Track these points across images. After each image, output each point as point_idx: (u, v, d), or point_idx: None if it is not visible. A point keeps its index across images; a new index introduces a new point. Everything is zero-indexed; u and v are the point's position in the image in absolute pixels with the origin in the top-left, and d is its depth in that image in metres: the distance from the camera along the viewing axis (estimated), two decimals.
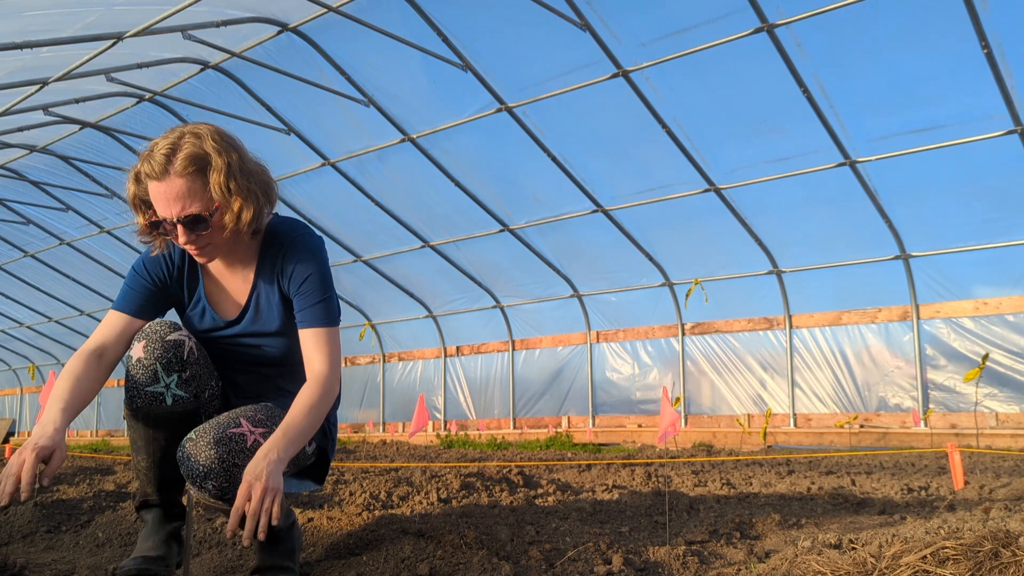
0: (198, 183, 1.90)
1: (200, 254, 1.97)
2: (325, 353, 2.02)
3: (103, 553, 2.60)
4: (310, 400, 1.94)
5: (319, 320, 2.04)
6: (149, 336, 2.01)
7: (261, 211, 1.99)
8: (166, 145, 1.90)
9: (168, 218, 1.90)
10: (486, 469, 4.74)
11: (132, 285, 2.10)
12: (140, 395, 2.00)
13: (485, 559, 2.12)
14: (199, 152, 1.90)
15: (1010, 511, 2.86)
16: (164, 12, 6.37)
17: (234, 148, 1.96)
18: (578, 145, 8.55)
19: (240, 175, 1.94)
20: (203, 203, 1.90)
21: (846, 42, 6.63)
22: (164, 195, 1.89)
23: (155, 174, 1.89)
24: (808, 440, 8.76)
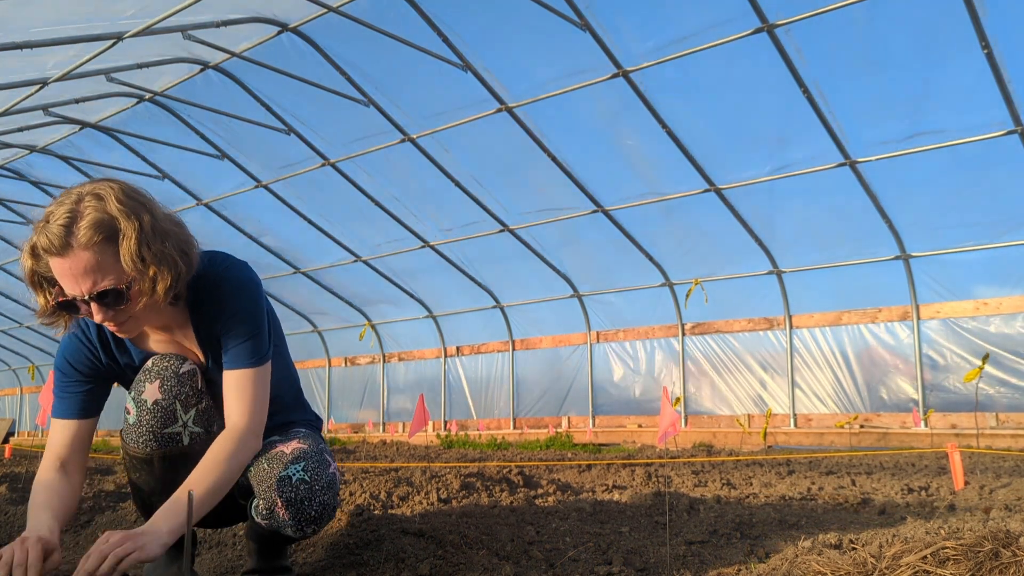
0: (108, 253, 1.67)
1: (120, 330, 1.78)
2: (246, 401, 1.83)
3: None
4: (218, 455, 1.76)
5: (241, 360, 1.85)
6: (162, 374, 1.86)
7: (179, 277, 1.76)
8: (64, 213, 1.65)
9: (78, 296, 1.69)
10: (486, 469, 4.74)
11: (63, 387, 1.90)
12: (157, 438, 1.86)
13: (485, 559, 2.12)
14: (103, 218, 1.66)
15: (1010, 511, 2.86)
16: (164, 12, 6.37)
17: (144, 207, 1.73)
18: (578, 145, 8.55)
19: (153, 239, 1.71)
20: (116, 275, 1.69)
21: (846, 42, 6.63)
22: (69, 271, 1.66)
23: (54, 248, 1.65)
24: (808, 440, 8.76)
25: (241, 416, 1.82)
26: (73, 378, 1.90)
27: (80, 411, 1.90)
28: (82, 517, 3.22)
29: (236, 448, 1.79)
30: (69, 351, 1.90)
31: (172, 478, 1.86)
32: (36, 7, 6.03)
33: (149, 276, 1.70)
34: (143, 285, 1.71)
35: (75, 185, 1.76)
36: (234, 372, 1.85)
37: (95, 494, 3.90)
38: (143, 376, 1.87)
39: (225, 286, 1.87)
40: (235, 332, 1.85)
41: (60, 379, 1.91)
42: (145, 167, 10.20)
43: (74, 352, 1.90)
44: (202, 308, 1.88)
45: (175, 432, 1.86)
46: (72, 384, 1.90)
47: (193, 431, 1.88)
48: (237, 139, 9.49)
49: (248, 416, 1.83)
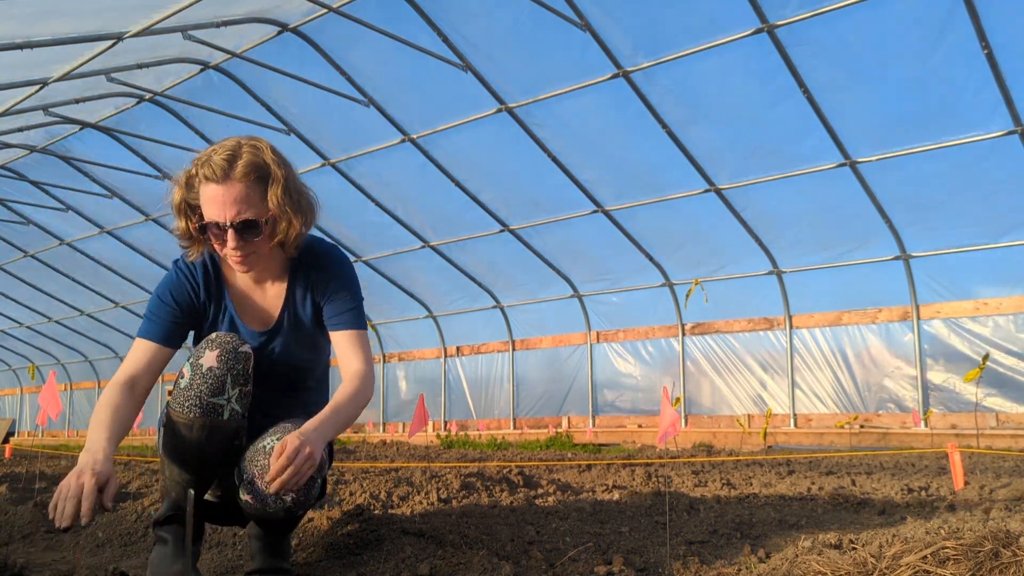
0: (256, 191, 1.93)
1: (243, 261, 1.97)
2: (361, 353, 2.07)
3: (103, 553, 2.60)
4: (352, 392, 1.98)
5: (353, 323, 2.09)
6: (223, 346, 1.96)
7: (306, 227, 2.03)
8: (226, 151, 1.92)
9: (221, 221, 1.91)
10: (486, 469, 4.74)
11: (158, 312, 2.05)
12: (201, 404, 1.92)
13: (485, 559, 2.12)
14: (259, 162, 1.93)
15: (1010, 511, 2.86)
16: (164, 12, 6.37)
17: (288, 165, 2.00)
18: (578, 145, 8.55)
19: (294, 190, 1.98)
20: (258, 210, 1.93)
21: (846, 42, 6.63)
22: (221, 198, 1.90)
23: (215, 176, 1.90)
24: (808, 440, 8.76)
25: (360, 362, 2.04)
26: (170, 307, 2.05)
27: (166, 336, 2.03)
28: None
29: (362, 386, 2.00)
30: (174, 284, 2.07)
31: (206, 450, 1.94)
32: (36, 7, 6.04)
33: (285, 218, 1.95)
34: (278, 225, 1.96)
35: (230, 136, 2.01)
36: (347, 332, 2.08)
37: None
38: (204, 344, 1.97)
39: (334, 259, 2.12)
40: (344, 299, 2.09)
41: (156, 305, 2.06)
42: (145, 167, 10.20)
43: (178, 286, 2.07)
44: (307, 273, 2.10)
45: (219, 404, 1.93)
46: (166, 311, 2.05)
47: (234, 408, 1.95)
48: None
49: (366, 364, 2.05)
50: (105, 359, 17.29)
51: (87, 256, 13.21)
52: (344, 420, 1.93)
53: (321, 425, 1.83)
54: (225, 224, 1.91)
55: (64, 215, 11.96)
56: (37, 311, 16.27)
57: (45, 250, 13.40)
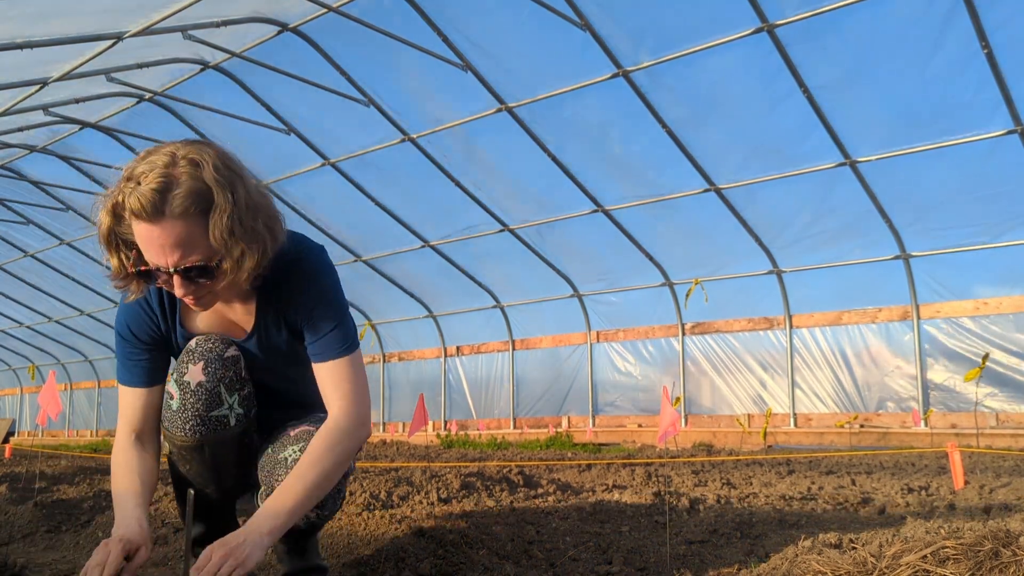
0: (199, 226, 1.57)
1: (197, 304, 1.69)
2: (344, 390, 1.76)
3: None
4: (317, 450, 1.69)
5: (333, 350, 1.78)
6: (206, 356, 1.79)
7: (266, 255, 1.66)
8: (157, 177, 1.53)
9: (163, 267, 1.59)
10: (486, 469, 4.74)
11: (127, 354, 1.85)
12: (204, 422, 1.79)
13: (485, 558, 2.12)
14: (200, 188, 1.55)
15: (1010, 511, 2.86)
16: (164, 12, 6.37)
17: (239, 178, 1.62)
18: (578, 145, 8.55)
19: (246, 214, 1.60)
20: (204, 250, 1.59)
21: (846, 42, 6.63)
22: (158, 240, 1.55)
23: (145, 213, 1.53)
24: (808, 440, 8.76)
25: (340, 409, 1.75)
26: (135, 345, 1.84)
27: (147, 378, 1.84)
28: (82, 517, 3.22)
29: (336, 439, 1.71)
30: (131, 318, 1.83)
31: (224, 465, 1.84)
32: (37, 7, 6.03)
33: (237, 254, 1.61)
34: (230, 262, 1.61)
35: (163, 143, 1.64)
36: (327, 364, 1.77)
37: (95, 494, 3.90)
38: (186, 357, 1.80)
39: (305, 267, 1.78)
40: (320, 318, 1.77)
41: (123, 347, 1.85)
42: None
43: (135, 319, 1.83)
44: (275, 288, 1.79)
45: (222, 415, 1.79)
46: (135, 352, 1.84)
47: (238, 413, 1.82)
48: (237, 139, 9.48)
49: (348, 407, 1.75)
50: (105, 359, 17.29)
51: (87, 256, 13.20)
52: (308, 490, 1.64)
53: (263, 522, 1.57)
54: (167, 269, 1.59)
55: (64, 215, 11.96)
56: (37, 311, 16.26)
57: (45, 250, 13.40)
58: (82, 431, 18.21)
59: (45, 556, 2.58)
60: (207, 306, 1.72)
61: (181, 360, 1.82)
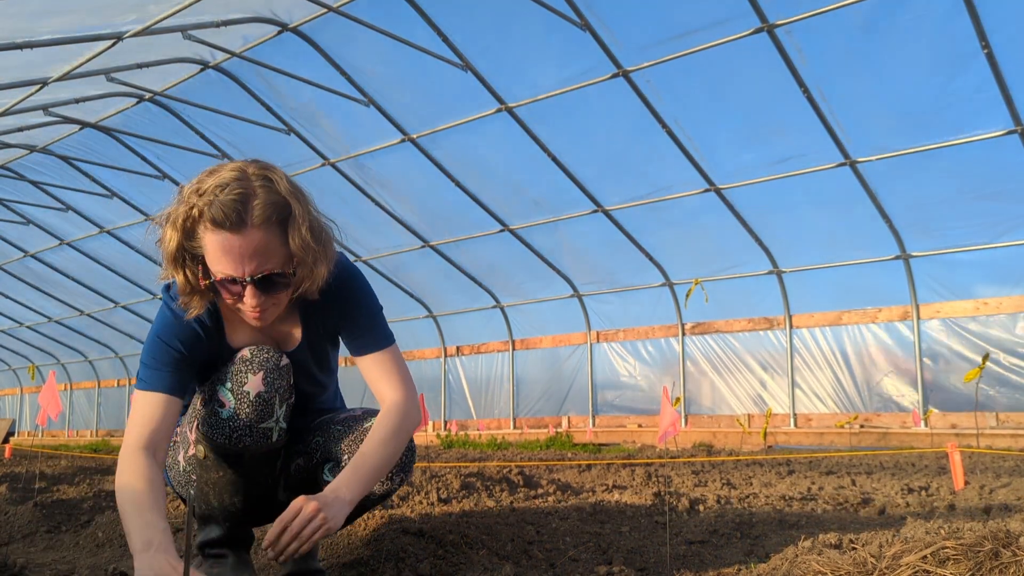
0: (276, 236, 1.63)
1: (261, 317, 1.71)
2: (394, 377, 1.86)
3: (103, 553, 2.60)
4: (384, 432, 1.76)
5: (377, 342, 1.88)
6: (265, 364, 1.76)
7: (330, 265, 1.74)
8: (236, 189, 1.59)
9: (239, 276, 1.62)
10: (486, 469, 4.74)
11: (163, 359, 1.75)
12: (251, 433, 1.77)
13: (486, 558, 2.12)
14: (278, 200, 1.63)
15: (1010, 511, 2.86)
16: (164, 12, 6.37)
17: (305, 195, 1.73)
18: (578, 145, 8.55)
19: (317, 228, 1.71)
20: (280, 260, 1.65)
21: (846, 42, 6.63)
22: (237, 250, 1.59)
23: (229, 223, 1.57)
24: (808, 440, 8.76)
25: (397, 391, 1.84)
26: (176, 353, 1.77)
27: (177, 386, 1.76)
28: (82, 517, 3.22)
29: (401, 421, 1.79)
30: (178, 328, 1.77)
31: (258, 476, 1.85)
32: (36, 6, 6.04)
33: (310, 263, 1.67)
34: (303, 272, 1.68)
35: (224, 163, 1.70)
36: (375, 355, 1.87)
37: (95, 494, 3.90)
38: (243, 367, 1.77)
39: (346, 283, 1.86)
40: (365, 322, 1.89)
41: (160, 351, 1.76)
42: (145, 167, 10.20)
43: (183, 326, 1.78)
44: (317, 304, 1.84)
45: (268, 428, 1.79)
46: (174, 357, 1.76)
47: (281, 427, 1.81)
48: (237, 139, 9.49)
49: (404, 390, 1.85)
50: (105, 359, 17.30)
51: (87, 256, 13.21)
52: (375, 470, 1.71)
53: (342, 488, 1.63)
54: (244, 279, 1.62)
55: (64, 215, 11.96)
56: (37, 311, 16.27)
57: (45, 250, 13.40)
58: (82, 431, 18.21)
59: (45, 556, 2.58)
60: (269, 320, 1.73)
61: (237, 369, 1.78)
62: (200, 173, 1.67)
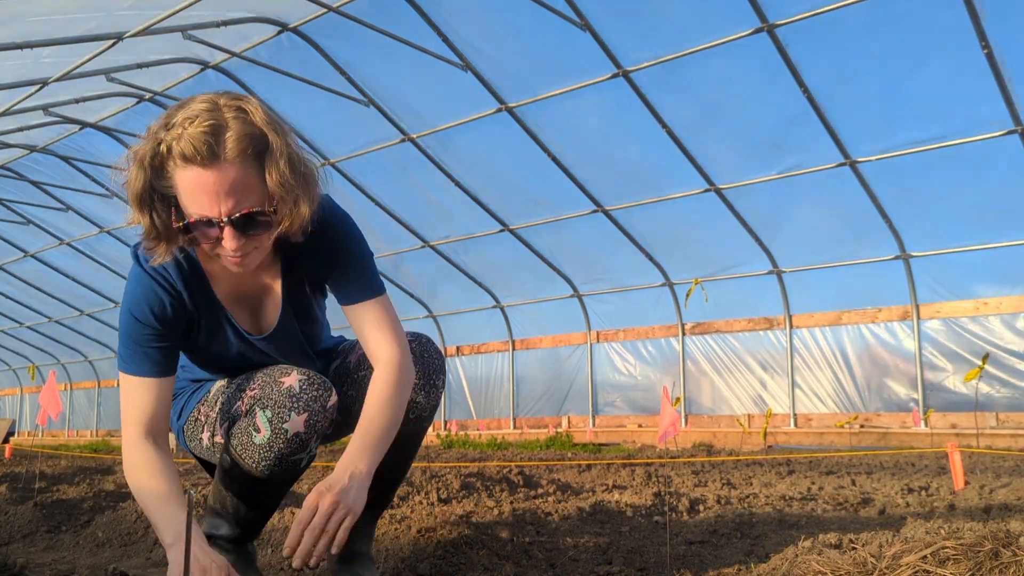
0: (254, 171, 1.47)
1: (242, 262, 1.56)
2: (387, 330, 1.72)
3: (103, 553, 2.60)
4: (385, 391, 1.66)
5: (367, 291, 1.74)
6: (311, 406, 1.66)
7: (314, 204, 1.57)
8: (206, 121, 1.42)
9: (215, 217, 1.46)
10: (486, 469, 4.74)
11: (140, 341, 1.64)
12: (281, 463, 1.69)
13: (486, 558, 2.12)
14: (254, 132, 1.46)
15: (1010, 511, 2.87)
16: (164, 12, 6.37)
17: (284, 126, 1.54)
18: (578, 145, 8.54)
19: (298, 162, 1.53)
20: (259, 196, 1.49)
21: (846, 42, 6.63)
22: (212, 187, 1.43)
23: (199, 157, 1.41)
24: (808, 440, 8.76)
25: (392, 346, 1.71)
26: (152, 329, 1.63)
27: (161, 368, 1.65)
28: (82, 517, 3.22)
29: (400, 376, 1.69)
30: (149, 297, 1.63)
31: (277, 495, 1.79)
32: (36, 5, 6.03)
33: (291, 201, 1.51)
34: (284, 210, 1.52)
35: (195, 95, 1.52)
36: (365, 304, 1.73)
37: (95, 494, 3.90)
38: (289, 402, 1.65)
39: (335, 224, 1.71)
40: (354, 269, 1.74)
41: (135, 331, 1.64)
42: None
43: (154, 298, 1.64)
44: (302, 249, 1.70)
45: (298, 459, 1.71)
46: (150, 337, 1.64)
47: (311, 455, 1.75)
48: None
49: (399, 343, 1.73)
50: (105, 359, 17.29)
51: (87, 256, 13.21)
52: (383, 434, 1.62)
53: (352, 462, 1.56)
54: (220, 220, 1.47)
55: (64, 215, 11.96)
56: (37, 311, 16.27)
57: (45, 250, 13.40)
58: (82, 431, 18.21)
59: (45, 556, 2.58)
60: (251, 265, 1.58)
61: (280, 402, 1.65)
62: (168, 108, 1.52)
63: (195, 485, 4.06)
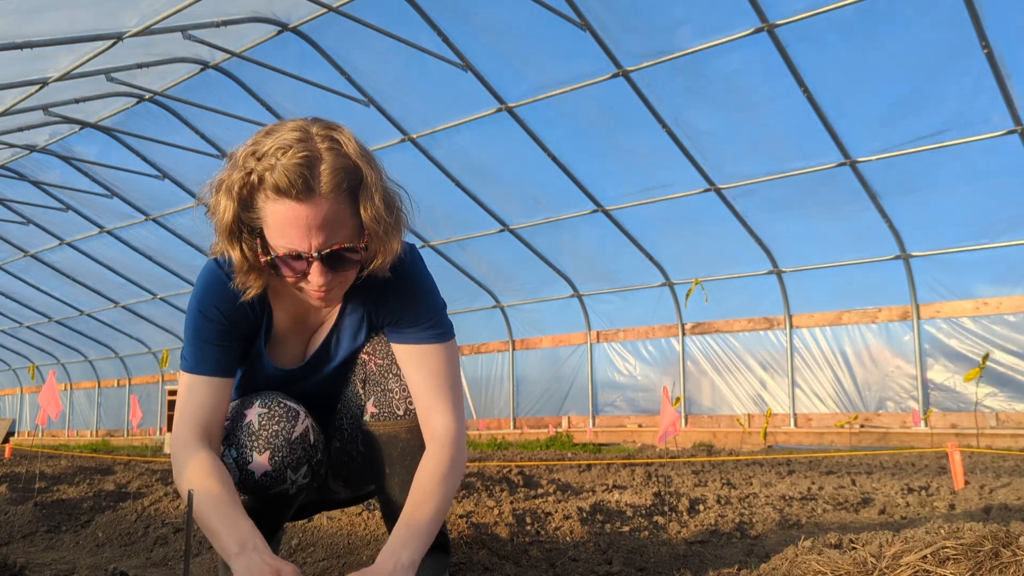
0: (346, 206, 1.41)
1: (326, 297, 1.49)
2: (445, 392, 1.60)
3: (103, 553, 2.60)
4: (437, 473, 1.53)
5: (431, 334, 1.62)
6: (272, 442, 1.57)
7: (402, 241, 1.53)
8: (300, 152, 1.36)
9: (303, 252, 1.40)
10: (486, 469, 4.74)
11: (209, 338, 1.57)
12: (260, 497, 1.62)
13: (486, 558, 2.12)
14: (348, 164, 1.41)
15: (1010, 511, 2.86)
16: (164, 12, 6.37)
17: (375, 160, 1.49)
18: (578, 145, 8.55)
19: (390, 197, 1.49)
20: (350, 232, 1.43)
21: (846, 42, 6.63)
22: (304, 221, 1.37)
23: (294, 190, 1.35)
24: (808, 440, 8.76)
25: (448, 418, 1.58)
26: (219, 325, 1.57)
27: (224, 367, 1.58)
28: (82, 517, 3.22)
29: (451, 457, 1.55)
30: (224, 298, 1.57)
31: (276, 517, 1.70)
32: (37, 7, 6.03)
33: (383, 237, 1.45)
34: (376, 246, 1.46)
35: (284, 120, 1.48)
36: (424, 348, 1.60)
37: (95, 494, 3.90)
38: (249, 441, 1.57)
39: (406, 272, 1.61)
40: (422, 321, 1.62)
41: (205, 328, 1.57)
42: (145, 167, 10.19)
43: (229, 300, 1.57)
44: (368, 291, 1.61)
45: (283, 490, 1.62)
46: (220, 335, 1.57)
47: (301, 484, 1.64)
48: (237, 139, 9.36)
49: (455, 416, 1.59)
50: (105, 359, 17.30)
51: (87, 256, 13.21)
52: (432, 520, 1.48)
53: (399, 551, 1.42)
54: (310, 255, 1.40)
55: (64, 215, 11.96)
56: (37, 311, 16.27)
57: (45, 250, 13.40)
58: (82, 431, 18.21)
59: (45, 556, 2.58)
60: (334, 300, 1.52)
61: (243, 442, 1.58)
62: (254, 134, 1.46)
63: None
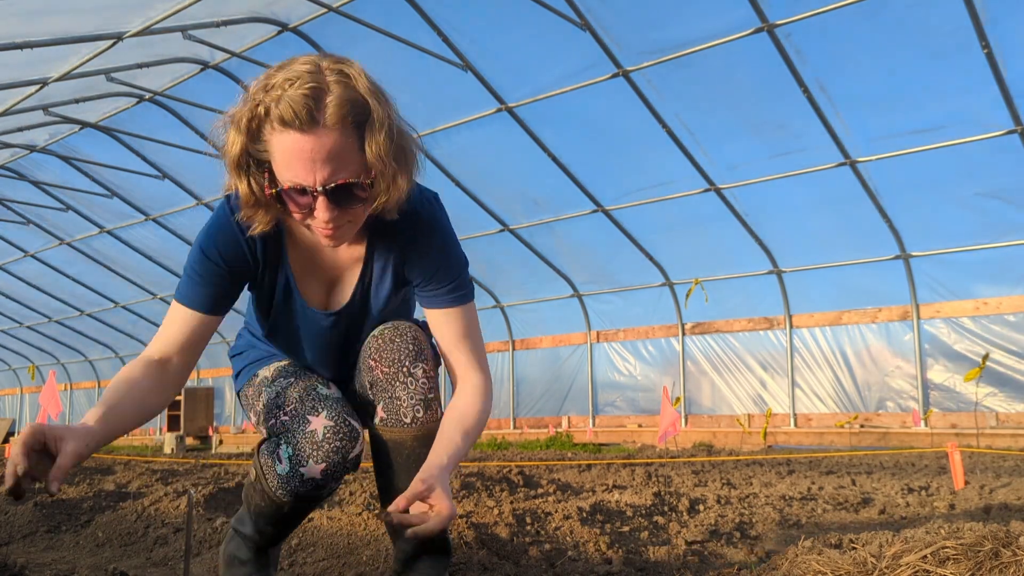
0: (353, 140, 1.40)
1: (334, 235, 1.48)
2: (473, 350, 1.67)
3: (103, 553, 2.60)
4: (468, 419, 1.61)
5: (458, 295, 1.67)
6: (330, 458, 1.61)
7: (413, 182, 1.51)
8: (307, 83, 1.36)
9: (309, 185, 1.39)
10: (486, 469, 4.74)
11: (201, 271, 1.58)
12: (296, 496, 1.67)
13: (486, 558, 2.12)
14: (356, 98, 1.40)
15: (1010, 511, 2.87)
16: (164, 12, 6.37)
17: (387, 96, 1.48)
18: (578, 145, 8.55)
19: (399, 134, 1.47)
20: (356, 167, 1.41)
21: (846, 42, 6.63)
22: (308, 154, 1.36)
23: (299, 121, 1.35)
24: (808, 440, 8.76)
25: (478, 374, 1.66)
26: (217, 266, 1.58)
27: (211, 303, 1.59)
28: (82, 517, 3.22)
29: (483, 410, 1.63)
30: (223, 237, 1.58)
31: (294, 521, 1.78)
32: (35, 4, 6.03)
33: (391, 174, 1.44)
34: (382, 185, 1.44)
35: (297, 56, 1.46)
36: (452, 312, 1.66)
37: (95, 494, 3.90)
38: (310, 448, 1.61)
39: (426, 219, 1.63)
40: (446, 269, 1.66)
41: (200, 262, 1.58)
42: (145, 167, 10.20)
43: (230, 236, 1.58)
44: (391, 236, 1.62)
45: (316, 495, 1.69)
46: (212, 272, 1.58)
47: (332, 488, 1.70)
48: None
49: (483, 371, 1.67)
50: (105, 359, 17.30)
51: (87, 256, 13.21)
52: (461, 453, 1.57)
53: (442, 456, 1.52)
54: (314, 189, 1.39)
55: (64, 215, 11.96)
56: (37, 311, 16.27)
57: (45, 250, 13.40)
58: None
59: (45, 556, 2.58)
60: (343, 239, 1.50)
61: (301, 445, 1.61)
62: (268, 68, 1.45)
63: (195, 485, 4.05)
